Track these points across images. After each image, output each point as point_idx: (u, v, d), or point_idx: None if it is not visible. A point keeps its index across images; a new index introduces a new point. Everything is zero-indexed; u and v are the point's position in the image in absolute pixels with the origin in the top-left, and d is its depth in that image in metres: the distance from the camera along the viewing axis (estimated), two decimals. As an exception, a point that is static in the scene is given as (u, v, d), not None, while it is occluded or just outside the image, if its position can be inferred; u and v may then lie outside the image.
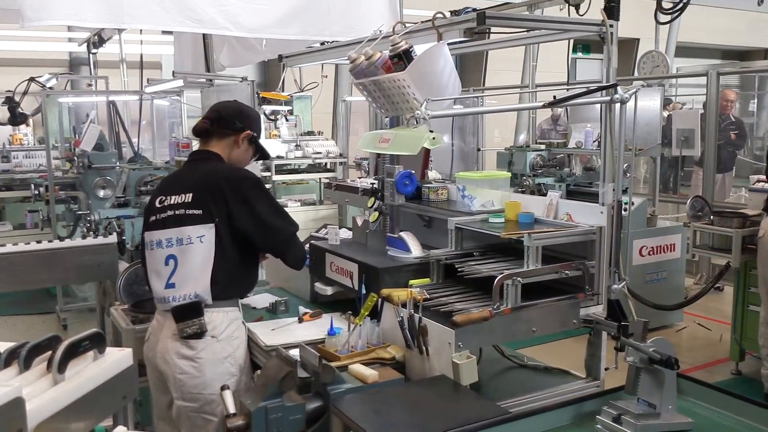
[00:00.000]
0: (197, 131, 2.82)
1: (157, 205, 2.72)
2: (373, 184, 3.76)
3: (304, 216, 7.83)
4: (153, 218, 2.72)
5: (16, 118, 6.60)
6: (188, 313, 2.56)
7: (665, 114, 7.39)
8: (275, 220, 2.70)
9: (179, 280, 2.61)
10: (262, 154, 2.92)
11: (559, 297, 2.55)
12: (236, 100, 3.20)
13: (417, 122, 2.32)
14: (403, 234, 3.05)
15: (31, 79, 6.59)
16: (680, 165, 8.71)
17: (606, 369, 2.70)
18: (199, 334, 2.56)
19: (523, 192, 6.05)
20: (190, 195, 2.65)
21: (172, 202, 2.68)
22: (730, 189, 9.13)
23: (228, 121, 2.79)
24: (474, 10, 2.43)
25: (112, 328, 3.41)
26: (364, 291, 2.71)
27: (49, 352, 1.45)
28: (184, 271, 2.61)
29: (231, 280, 2.65)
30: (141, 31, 7.59)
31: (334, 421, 2.15)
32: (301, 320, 2.99)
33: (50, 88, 6.99)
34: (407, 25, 2.68)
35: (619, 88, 2.52)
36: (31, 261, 3.75)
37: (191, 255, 2.60)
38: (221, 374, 2.58)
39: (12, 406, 1.24)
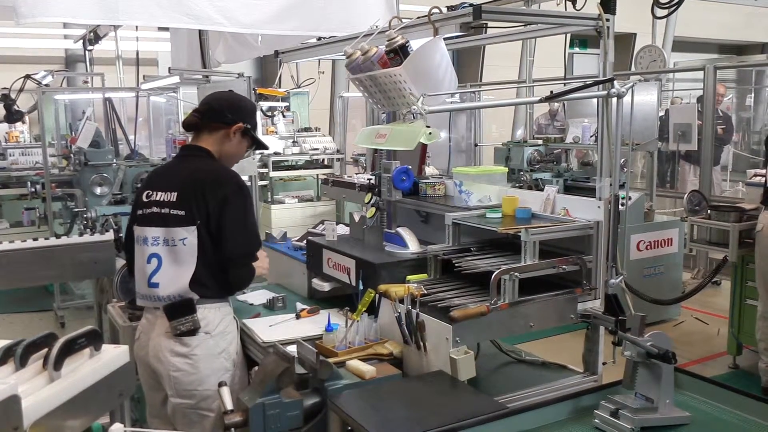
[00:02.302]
0: (186, 125, 2.77)
1: (144, 199, 2.68)
2: (370, 179, 3.75)
3: (302, 212, 7.85)
4: (140, 212, 2.69)
5: (12, 116, 6.58)
6: (181, 311, 2.54)
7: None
8: (238, 233, 2.60)
9: (163, 281, 2.59)
10: (258, 146, 2.86)
11: (556, 292, 2.55)
12: (231, 90, 3.14)
13: (413, 117, 2.32)
14: (400, 230, 3.04)
15: (27, 77, 6.57)
16: (677, 160, 8.72)
17: (604, 363, 2.70)
18: (193, 331, 2.54)
19: (520, 187, 6.05)
20: (176, 194, 2.60)
21: (157, 199, 2.63)
22: (720, 183, 9.14)
23: (218, 113, 2.71)
24: (470, 4, 2.43)
25: (110, 325, 3.41)
26: (361, 287, 2.71)
27: (45, 350, 1.45)
28: (168, 272, 2.58)
29: (217, 281, 2.61)
30: (137, 27, 7.59)
31: (332, 417, 2.15)
32: (298, 316, 2.99)
33: (46, 85, 6.96)
34: (403, 20, 2.68)
35: (616, 82, 2.51)
36: (28, 258, 3.73)
37: (176, 257, 2.57)
38: (216, 370, 2.57)
39: (8, 404, 1.24)
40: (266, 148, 3.02)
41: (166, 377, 2.58)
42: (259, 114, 7.41)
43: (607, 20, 2.53)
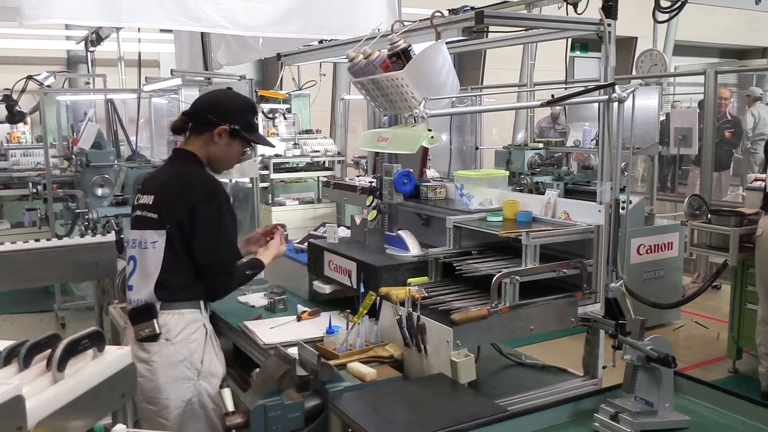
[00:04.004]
0: (173, 129, 2.72)
1: (135, 203, 2.72)
2: (371, 182, 3.76)
3: (303, 214, 7.86)
4: (132, 216, 2.74)
5: (14, 117, 6.59)
6: (142, 316, 2.53)
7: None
8: (207, 241, 2.53)
9: (136, 283, 2.60)
10: (256, 144, 2.76)
11: (557, 295, 2.55)
12: (229, 88, 3.05)
13: (415, 121, 2.32)
14: (401, 232, 3.05)
15: (29, 77, 6.57)
16: (678, 163, 8.72)
17: (603, 367, 2.71)
18: (153, 337, 2.51)
19: (521, 191, 6.05)
20: (152, 197, 2.61)
21: (141, 202, 2.65)
22: (728, 187, 9.14)
23: (201, 116, 2.65)
24: (472, 8, 2.43)
25: (111, 326, 3.41)
26: (362, 289, 2.71)
27: (49, 351, 1.45)
28: (140, 274, 2.58)
29: (183, 286, 2.57)
30: (139, 29, 7.59)
31: (333, 419, 2.16)
32: (299, 318, 2.99)
33: (48, 86, 6.97)
34: (406, 23, 2.68)
35: (617, 86, 2.52)
36: (29, 259, 3.74)
37: (147, 260, 2.56)
38: (175, 378, 2.52)
39: (12, 404, 1.24)
40: (269, 145, 2.92)
41: None
42: (260, 115, 7.39)
43: (609, 25, 2.54)
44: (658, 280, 5.73)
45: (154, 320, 2.51)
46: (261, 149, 5.86)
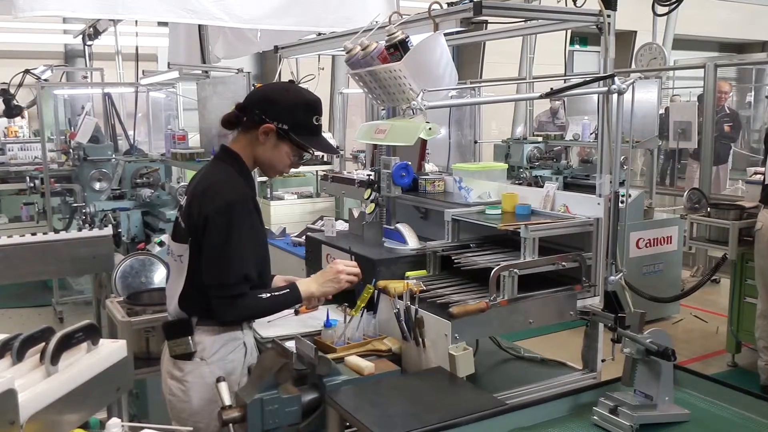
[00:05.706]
0: (222, 122, 2.38)
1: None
2: (369, 175, 3.74)
3: (301, 208, 7.84)
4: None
5: (12, 111, 6.59)
6: (176, 331, 2.32)
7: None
8: (212, 259, 2.24)
9: (168, 294, 2.42)
10: (323, 149, 2.46)
11: (555, 289, 2.54)
12: (290, 81, 2.64)
13: (413, 113, 2.31)
14: (399, 226, 3.04)
15: (27, 72, 6.56)
16: (677, 157, 8.71)
17: (603, 360, 2.70)
18: (188, 355, 2.30)
19: (519, 184, 6.04)
20: (184, 202, 2.39)
21: (183, 204, 2.42)
22: (726, 181, 9.13)
23: (249, 111, 2.32)
24: (470, 0, 2.42)
25: (108, 320, 3.40)
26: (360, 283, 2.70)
27: (42, 344, 1.44)
28: (171, 285, 2.41)
29: (209, 306, 2.29)
30: (136, 22, 7.57)
31: (330, 413, 2.15)
32: (297, 312, 2.97)
33: (45, 80, 6.96)
34: (403, 15, 2.67)
35: (616, 78, 2.50)
36: (27, 253, 3.74)
37: (175, 272, 2.38)
38: (209, 401, 2.28)
39: (4, 398, 1.23)
40: (329, 152, 2.56)
41: (166, 399, 2.42)
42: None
43: (608, 16, 2.52)
44: (657, 274, 5.72)
45: (189, 337, 2.29)
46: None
